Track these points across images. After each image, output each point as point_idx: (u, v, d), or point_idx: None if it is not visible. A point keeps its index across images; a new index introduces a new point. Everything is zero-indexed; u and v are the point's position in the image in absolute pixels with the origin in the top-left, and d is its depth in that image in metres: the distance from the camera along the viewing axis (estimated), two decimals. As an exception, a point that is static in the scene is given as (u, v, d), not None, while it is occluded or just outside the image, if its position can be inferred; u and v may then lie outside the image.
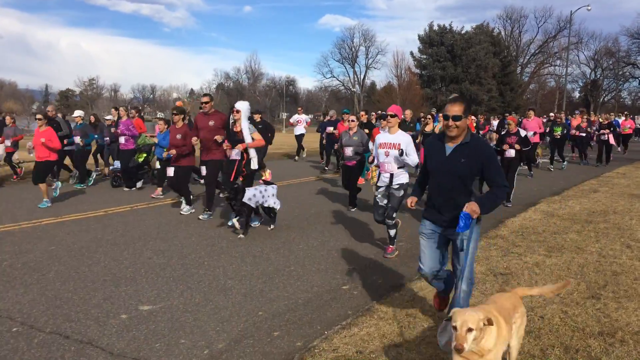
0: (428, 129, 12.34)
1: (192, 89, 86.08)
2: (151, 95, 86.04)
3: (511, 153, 9.99)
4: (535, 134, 14.70)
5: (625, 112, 25.70)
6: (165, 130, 10.51)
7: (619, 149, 22.11)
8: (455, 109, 3.71)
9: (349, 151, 9.14)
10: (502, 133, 10.50)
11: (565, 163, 17.00)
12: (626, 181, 13.24)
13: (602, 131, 17.52)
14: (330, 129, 15.46)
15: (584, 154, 18.19)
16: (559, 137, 16.43)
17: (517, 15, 61.53)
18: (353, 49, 68.82)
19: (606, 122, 18.32)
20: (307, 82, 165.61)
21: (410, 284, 5.28)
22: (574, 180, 13.41)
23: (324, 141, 16.45)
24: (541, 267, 5.80)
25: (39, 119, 9.46)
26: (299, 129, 19.47)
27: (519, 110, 42.09)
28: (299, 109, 22.15)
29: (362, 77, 69.63)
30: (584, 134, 17.76)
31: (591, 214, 8.82)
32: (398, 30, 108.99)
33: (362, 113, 12.75)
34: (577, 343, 3.94)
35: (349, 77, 70.15)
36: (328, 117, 17.07)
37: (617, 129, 20.33)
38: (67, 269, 5.88)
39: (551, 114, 21.27)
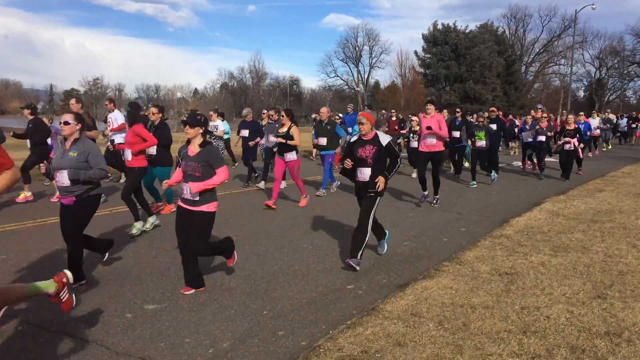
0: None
1: (196, 89, 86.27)
2: (155, 95, 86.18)
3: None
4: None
5: (607, 111, 24.56)
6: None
7: (590, 153, 20.44)
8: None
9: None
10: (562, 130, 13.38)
11: (495, 175, 12.82)
12: (632, 180, 13.18)
13: (565, 139, 13.18)
14: (245, 132, 12.19)
15: (540, 164, 13.97)
16: (483, 147, 12.43)
17: (521, 14, 61.41)
18: (357, 49, 68.87)
19: (572, 128, 13.48)
20: (310, 82, 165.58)
21: (415, 283, 5.27)
22: (578, 180, 13.36)
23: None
24: (547, 267, 5.78)
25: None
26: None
27: (523, 110, 41.95)
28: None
29: (366, 76, 69.67)
30: (542, 138, 13.56)
31: (597, 213, 8.78)
32: (402, 30, 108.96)
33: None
34: (583, 343, 3.92)
35: (353, 76, 70.18)
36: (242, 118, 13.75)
37: (589, 132, 18.07)
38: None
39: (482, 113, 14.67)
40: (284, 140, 9.50)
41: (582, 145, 13.23)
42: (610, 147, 24.94)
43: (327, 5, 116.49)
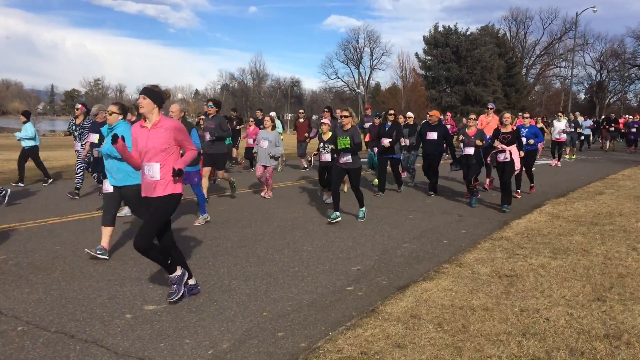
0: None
1: (197, 90, 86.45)
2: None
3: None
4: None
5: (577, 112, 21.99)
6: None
7: (553, 162, 17.90)
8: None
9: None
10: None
11: (401, 188, 11.74)
12: (632, 183, 13.18)
13: (498, 147, 9.45)
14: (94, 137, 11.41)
15: (469, 187, 10.26)
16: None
17: (522, 16, 61.48)
18: (358, 50, 68.97)
19: (509, 130, 9.60)
20: (311, 83, 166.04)
21: (415, 285, 5.27)
22: (579, 182, 13.36)
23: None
24: (546, 269, 5.78)
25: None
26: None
27: (524, 112, 41.96)
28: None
29: (366, 78, 69.77)
30: (469, 150, 9.86)
31: (597, 216, 8.78)
32: (403, 31, 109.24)
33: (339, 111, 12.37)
34: (582, 345, 3.92)
35: (354, 78, 70.27)
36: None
37: (532, 141, 11.18)
38: (72, 268, 5.90)
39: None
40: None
41: (522, 153, 9.62)
42: (574, 157, 21.32)
43: (329, 7, 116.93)
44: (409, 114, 12.65)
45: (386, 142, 10.74)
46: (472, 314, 4.50)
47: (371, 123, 12.92)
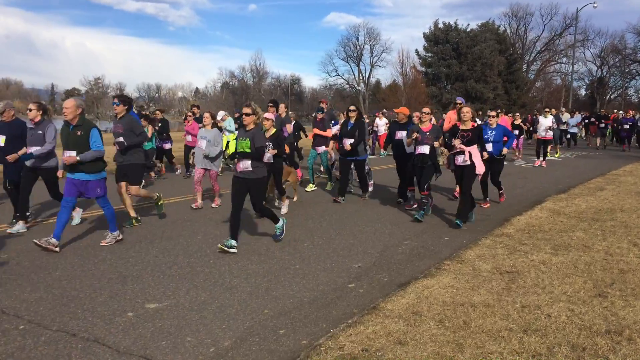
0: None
1: (197, 88, 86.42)
2: (156, 94, 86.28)
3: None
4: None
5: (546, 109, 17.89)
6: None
7: (537, 163, 16.36)
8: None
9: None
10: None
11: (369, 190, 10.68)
12: (633, 179, 13.16)
13: (456, 147, 7.84)
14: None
15: (421, 198, 8.54)
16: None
17: (523, 12, 61.25)
18: (358, 47, 68.76)
19: (468, 127, 7.93)
20: (312, 81, 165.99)
21: (416, 282, 5.27)
22: (580, 178, 13.35)
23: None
24: (547, 265, 5.78)
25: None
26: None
27: (525, 108, 41.89)
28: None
29: (367, 75, 69.56)
30: (424, 149, 8.36)
31: (598, 212, 8.77)
32: (403, 28, 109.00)
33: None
34: (584, 341, 3.92)
35: (354, 75, 70.09)
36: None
37: (505, 151, 9.77)
38: (73, 267, 5.90)
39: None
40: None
41: (485, 155, 8.07)
42: (558, 154, 19.91)
43: (328, 4, 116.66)
44: (352, 107, 10.58)
45: (347, 144, 9.52)
46: (473, 310, 4.51)
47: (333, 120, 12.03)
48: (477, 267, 5.74)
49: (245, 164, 6.52)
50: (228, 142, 14.23)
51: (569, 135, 23.77)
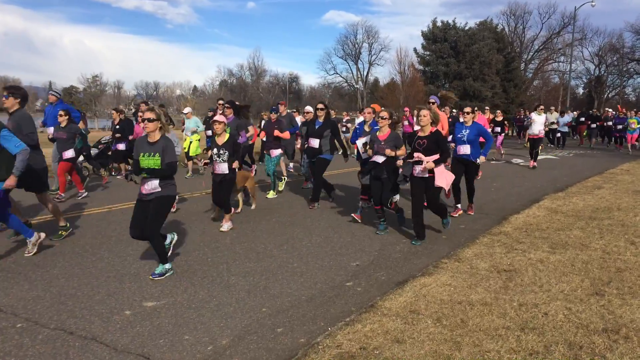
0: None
1: (195, 86, 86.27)
2: (154, 92, 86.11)
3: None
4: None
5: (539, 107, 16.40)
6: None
7: (531, 163, 15.34)
8: None
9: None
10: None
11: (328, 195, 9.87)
12: (630, 177, 13.19)
13: (414, 156, 6.70)
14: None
15: (378, 210, 7.58)
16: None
17: (521, 11, 61.18)
18: (356, 46, 68.78)
19: (427, 134, 6.72)
20: (310, 79, 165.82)
21: (414, 280, 5.28)
22: (577, 177, 13.37)
23: None
24: (545, 264, 5.79)
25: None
26: None
27: (523, 107, 41.88)
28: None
29: (365, 73, 69.59)
30: (379, 158, 7.17)
31: (595, 210, 8.79)
32: (402, 27, 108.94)
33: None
34: (581, 340, 3.93)
35: (352, 73, 70.11)
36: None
37: (482, 159, 8.51)
38: (71, 265, 5.90)
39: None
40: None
41: (448, 163, 7.32)
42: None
43: (327, 2, 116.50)
44: (308, 107, 10.55)
45: (314, 143, 8.86)
46: (470, 308, 4.51)
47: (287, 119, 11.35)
48: (475, 265, 5.75)
49: (153, 185, 5.41)
50: (191, 142, 13.20)
51: (559, 134, 23.13)
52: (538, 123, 15.52)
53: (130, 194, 10.38)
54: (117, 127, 12.44)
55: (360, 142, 8.07)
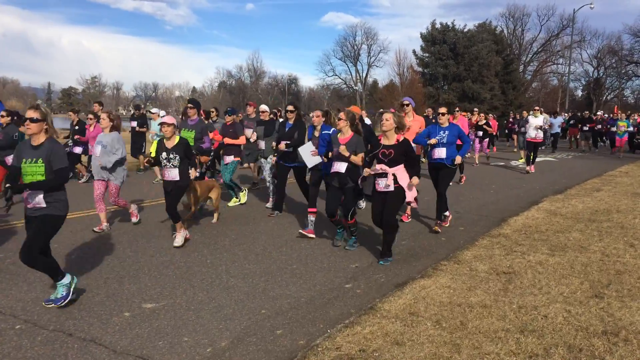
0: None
1: (194, 87, 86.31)
2: (153, 93, 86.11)
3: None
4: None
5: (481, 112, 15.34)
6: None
7: (528, 168, 14.79)
8: None
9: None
10: None
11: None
12: (629, 180, 13.21)
13: (376, 167, 6.07)
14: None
15: (345, 223, 6.87)
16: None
17: (519, 13, 61.24)
18: (355, 47, 68.71)
19: (393, 142, 6.05)
20: (309, 81, 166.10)
21: (414, 282, 5.28)
22: (576, 179, 13.38)
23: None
24: (544, 266, 5.79)
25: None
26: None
27: (521, 109, 41.94)
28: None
29: (364, 75, 69.53)
30: (340, 167, 6.57)
31: (594, 212, 8.79)
32: (401, 28, 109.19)
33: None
34: (580, 342, 3.93)
35: (351, 75, 70.02)
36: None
37: (458, 159, 7.65)
38: (70, 266, 5.88)
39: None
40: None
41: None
42: (522, 159, 17.65)
43: (326, 4, 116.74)
44: (263, 107, 10.11)
45: (283, 145, 8.35)
46: (470, 311, 4.51)
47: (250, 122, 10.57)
48: (474, 267, 5.75)
49: (38, 199, 4.53)
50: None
51: (551, 137, 22.29)
52: (534, 125, 14.42)
53: (131, 196, 10.37)
54: (76, 128, 12.28)
55: (303, 149, 7.64)
